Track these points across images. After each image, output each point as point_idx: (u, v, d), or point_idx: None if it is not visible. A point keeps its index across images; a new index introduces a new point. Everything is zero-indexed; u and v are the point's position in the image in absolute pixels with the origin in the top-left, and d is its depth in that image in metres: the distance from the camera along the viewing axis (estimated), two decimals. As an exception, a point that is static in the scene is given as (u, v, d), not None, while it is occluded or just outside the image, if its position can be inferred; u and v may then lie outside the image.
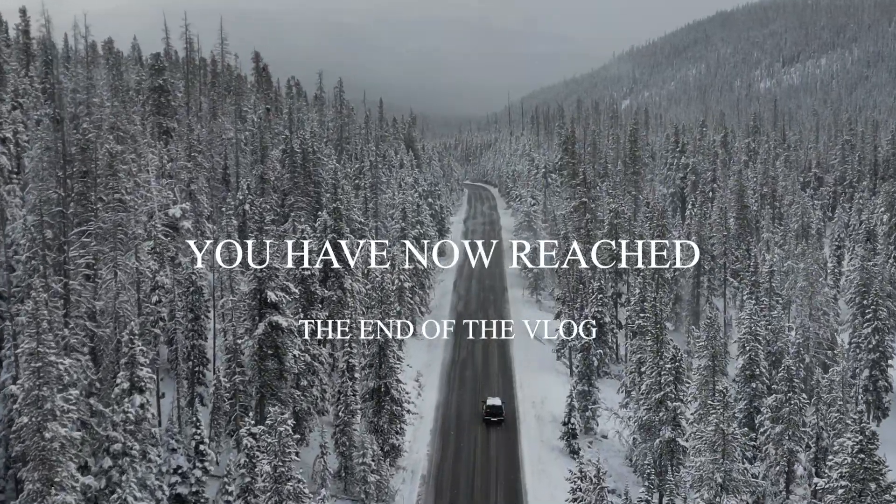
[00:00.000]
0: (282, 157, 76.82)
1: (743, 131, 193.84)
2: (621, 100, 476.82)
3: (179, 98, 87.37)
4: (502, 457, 51.40)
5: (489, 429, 54.90)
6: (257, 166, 73.53)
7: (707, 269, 77.65)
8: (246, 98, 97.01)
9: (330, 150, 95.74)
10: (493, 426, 54.79)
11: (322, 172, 77.48)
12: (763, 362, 52.00)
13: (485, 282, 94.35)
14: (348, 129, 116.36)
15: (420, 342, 72.35)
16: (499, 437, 54.21)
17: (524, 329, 76.10)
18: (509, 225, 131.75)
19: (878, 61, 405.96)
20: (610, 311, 69.71)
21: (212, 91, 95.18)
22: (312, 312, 47.83)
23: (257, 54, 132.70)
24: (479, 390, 61.47)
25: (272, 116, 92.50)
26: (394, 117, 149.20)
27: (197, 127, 79.18)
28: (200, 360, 43.47)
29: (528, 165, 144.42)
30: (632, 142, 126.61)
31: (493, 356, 68.98)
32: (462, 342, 72.34)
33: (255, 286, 41.49)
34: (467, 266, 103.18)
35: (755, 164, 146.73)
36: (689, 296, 78.40)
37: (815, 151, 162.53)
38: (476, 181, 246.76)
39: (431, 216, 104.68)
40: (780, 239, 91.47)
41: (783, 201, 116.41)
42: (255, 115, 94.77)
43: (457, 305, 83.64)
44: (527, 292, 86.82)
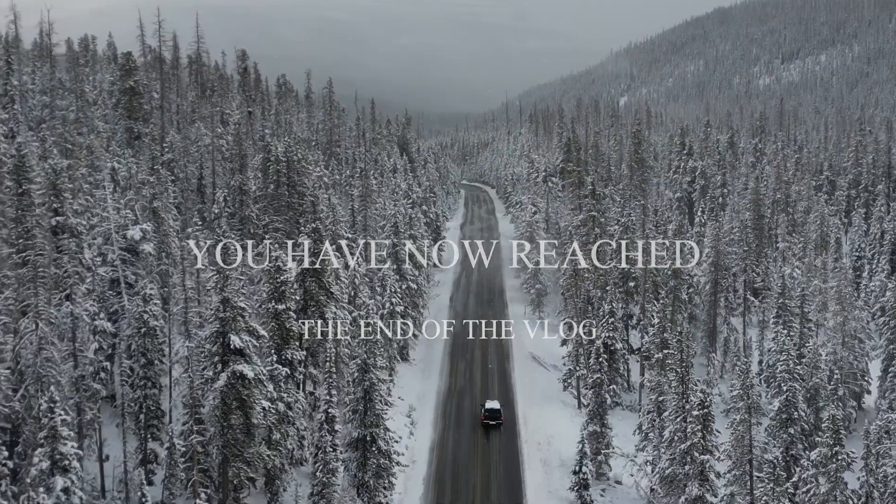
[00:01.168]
0: (263, 165, 70.52)
1: (747, 130, 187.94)
2: (619, 97, 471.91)
3: (156, 100, 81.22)
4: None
5: (491, 476, 48.86)
6: (236, 176, 67.26)
7: (725, 286, 71.51)
8: (228, 100, 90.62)
9: (317, 156, 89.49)
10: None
11: (307, 182, 71.20)
12: (802, 405, 45.96)
13: (483, 296, 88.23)
14: (338, 132, 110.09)
15: (413, 368, 66.25)
16: (501, 485, 48.13)
17: (526, 352, 70.02)
18: (508, 231, 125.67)
19: (879, 58, 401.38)
20: (621, 335, 63.68)
21: (190, 92, 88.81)
22: (288, 352, 41.63)
23: (243, 52, 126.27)
24: (478, 426, 55.40)
25: (254, 119, 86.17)
26: (388, 119, 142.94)
27: (171, 132, 72.95)
28: (154, 413, 37.32)
29: (528, 168, 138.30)
30: (635, 143, 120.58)
31: (494, 385, 62.86)
32: (459, 368, 66.22)
33: (217, 328, 35.29)
34: (464, 277, 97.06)
35: (762, 166, 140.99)
36: (706, 315, 72.33)
37: (824, 153, 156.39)
38: (473, 181, 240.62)
39: (426, 224, 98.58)
40: (800, 251, 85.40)
41: (797, 207, 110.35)
42: (238, 118, 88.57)
43: (453, 325, 77.42)
44: (529, 309, 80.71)
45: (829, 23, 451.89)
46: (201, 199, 67.99)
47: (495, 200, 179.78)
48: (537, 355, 69.18)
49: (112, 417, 39.12)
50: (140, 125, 73.41)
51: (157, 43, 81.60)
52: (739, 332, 73.25)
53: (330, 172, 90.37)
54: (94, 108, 79.57)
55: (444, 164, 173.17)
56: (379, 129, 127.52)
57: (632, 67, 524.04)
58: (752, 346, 70.65)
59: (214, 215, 65.45)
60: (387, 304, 60.51)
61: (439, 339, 73.19)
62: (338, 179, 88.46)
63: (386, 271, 62.50)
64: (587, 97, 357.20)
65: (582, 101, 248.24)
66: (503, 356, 68.73)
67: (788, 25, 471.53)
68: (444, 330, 75.36)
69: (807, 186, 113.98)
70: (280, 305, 41.28)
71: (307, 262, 48.16)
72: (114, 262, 45.62)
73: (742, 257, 72.03)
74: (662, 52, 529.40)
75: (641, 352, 62.08)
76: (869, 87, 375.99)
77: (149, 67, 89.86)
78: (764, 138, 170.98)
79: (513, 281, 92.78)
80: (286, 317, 41.58)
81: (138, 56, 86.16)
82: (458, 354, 69.28)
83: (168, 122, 78.25)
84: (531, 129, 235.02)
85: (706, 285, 72.58)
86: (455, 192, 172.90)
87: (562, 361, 67.21)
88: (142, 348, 37.05)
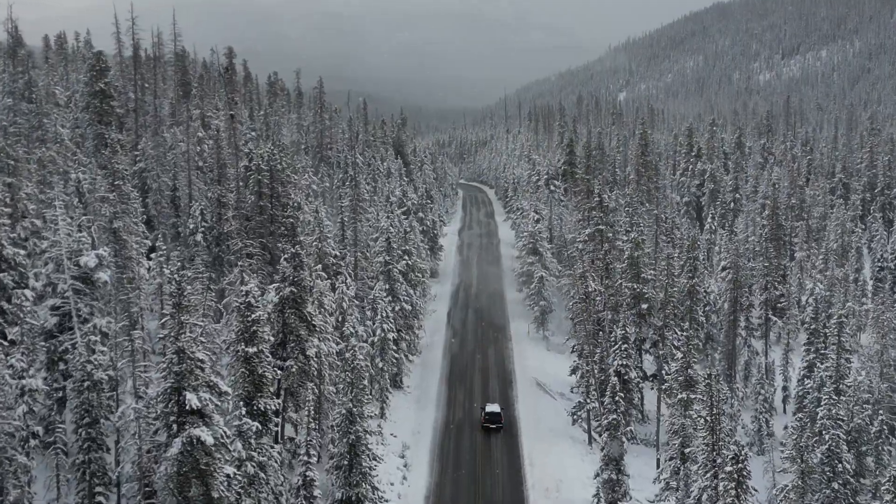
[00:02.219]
0: (244, 175, 64.82)
1: (753, 129, 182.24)
2: (617, 92, 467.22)
3: (134, 102, 75.47)
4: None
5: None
6: (213, 186, 61.57)
7: (745, 304, 66.00)
8: (213, 101, 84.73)
9: (306, 162, 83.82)
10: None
11: (292, 193, 65.55)
12: (847, 454, 40.49)
13: (483, 311, 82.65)
14: (330, 134, 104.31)
15: (407, 397, 60.72)
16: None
17: (530, 377, 64.53)
18: (508, 237, 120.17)
19: (881, 53, 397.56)
20: (635, 362, 58.18)
21: (170, 94, 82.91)
22: (261, 402, 36.04)
23: (230, 50, 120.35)
24: (479, 468, 50.01)
25: (237, 123, 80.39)
26: (382, 119, 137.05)
27: (144, 138, 67.25)
28: (101, 480, 31.78)
29: (529, 170, 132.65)
30: (642, 146, 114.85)
31: (496, 418, 57.29)
32: (458, 397, 60.67)
33: (172, 384, 29.72)
34: (463, 290, 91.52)
35: (770, 167, 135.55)
36: (724, 336, 66.88)
37: (834, 153, 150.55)
38: (471, 181, 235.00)
39: (423, 233, 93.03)
40: (821, 263, 79.97)
41: (811, 213, 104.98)
42: (220, 122, 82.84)
43: (451, 345, 71.89)
44: (532, 327, 75.20)
45: (830, 18, 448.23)
46: (175, 213, 62.29)
47: (494, 202, 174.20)
48: (542, 381, 63.67)
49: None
50: (112, 131, 67.59)
51: (137, 40, 75.68)
52: (759, 351, 67.82)
53: (319, 179, 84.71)
54: (66, 111, 73.96)
55: (442, 164, 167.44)
56: (373, 131, 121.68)
57: (630, 63, 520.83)
58: (774, 370, 65.37)
59: (190, 231, 59.84)
60: (378, 331, 54.97)
61: (436, 362, 67.72)
62: (328, 187, 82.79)
63: (377, 292, 56.87)
64: (587, 93, 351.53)
65: (583, 99, 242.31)
66: (505, 382, 63.24)
67: (788, 20, 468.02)
68: (441, 351, 69.89)
69: (822, 191, 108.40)
70: (251, 348, 35.67)
71: (286, 292, 42.51)
72: (65, 294, 40.04)
73: (763, 274, 66.43)
74: (661, 47, 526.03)
75: (661, 387, 56.54)
76: (871, 83, 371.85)
77: (126, 67, 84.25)
78: (771, 138, 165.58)
79: (514, 293, 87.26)
80: (258, 361, 35.98)
81: (113, 55, 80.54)
82: (457, 380, 63.77)
83: (143, 126, 72.49)
84: (530, 128, 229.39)
85: (724, 303, 67.16)
86: (453, 195, 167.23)
87: (569, 388, 61.92)
88: (86, 405, 31.54)
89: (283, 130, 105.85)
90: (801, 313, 78.43)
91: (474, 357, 68.89)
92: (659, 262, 61.05)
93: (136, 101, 72.86)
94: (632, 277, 59.53)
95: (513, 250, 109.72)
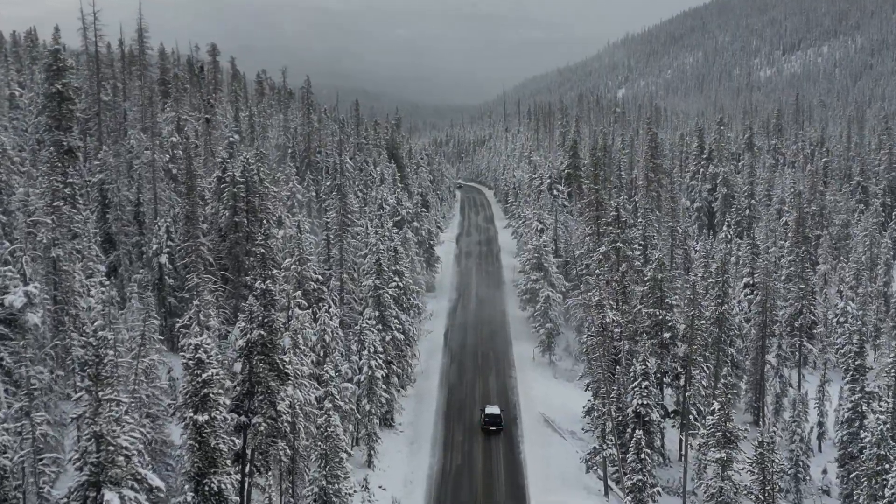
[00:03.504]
0: (217, 188, 58.16)
1: (761, 127, 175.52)
2: (616, 89, 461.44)
3: (97, 104, 68.73)
4: None
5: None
6: (183, 200, 54.87)
7: (776, 331, 59.34)
8: (186, 103, 77.88)
9: (290, 169, 77.10)
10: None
11: (270, 207, 58.89)
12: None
13: (483, 331, 75.98)
14: (318, 137, 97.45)
15: (399, 438, 54.04)
16: None
17: (537, 412, 57.90)
18: (509, 244, 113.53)
19: (883, 49, 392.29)
20: (656, 399, 51.56)
21: (141, 96, 76.09)
22: (213, 479, 29.33)
23: (213, 47, 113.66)
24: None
25: (214, 127, 73.62)
26: (375, 120, 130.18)
27: (105, 146, 60.43)
28: None
29: (530, 173, 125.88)
30: (651, 148, 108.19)
31: (499, 463, 50.70)
32: (456, 438, 54.00)
33: (87, 478, 23.06)
34: (461, 306, 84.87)
35: (783, 170, 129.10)
36: (751, 363, 60.34)
37: (848, 153, 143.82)
38: (469, 181, 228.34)
39: (418, 244, 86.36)
40: (851, 278, 73.37)
41: (833, 221, 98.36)
42: (198, 125, 76.14)
43: (448, 373, 65.25)
44: (537, 351, 68.54)
45: (831, 13, 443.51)
46: (140, 230, 55.53)
47: (493, 204, 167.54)
48: (550, 417, 57.02)
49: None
50: (71, 137, 60.80)
51: (99, 35, 68.89)
52: (785, 374, 61.10)
53: (305, 187, 77.96)
54: (26, 114, 67.23)
55: (439, 165, 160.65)
56: (365, 133, 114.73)
57: (629, 59, 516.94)
58: (807, 401, 58.79)
59: (153, 251, 53.17)
60: (365, 368, 48.31)
61: (432, 393, 61.07)
62: (313, 197, 76.04)
63: (365, 322, 50.17)
64: (586, 90, 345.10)
65: (584, 97, 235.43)
66: (509, 419, 56.54)
67: (789, 16, 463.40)
68: (437, 380, 63.25)
69: (844, 197, 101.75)
70: (201, 416, 28.99)
71: (254, 335, 35.81)
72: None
73: (798, 296, 59.71)
74: (661, 43, 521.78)
75: (685, 424, 50.03)
76: (874, 79, 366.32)
77: (99, 66, 77.62)
78: (782, 138, 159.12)
79: (516, 310, 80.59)
80: (211, 430, 29.29)
81: (79, 52, 73.96)
82: (455, 416, 57.11)
83: (107, 132, 65.70)
84: (530, 127, 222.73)
85: (751, 328, 60.57)
86: (450, 198, 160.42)
87: (581, 424, 55.27)
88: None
89: (268, 133, 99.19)
90: (829, 333, 72.17)
91: (474, 386, 62.25)
92: (683, 286, 54.33)
93: (99, 104, 65.98)
94: (653, 302, 52.88)
95: (514, 260, 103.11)
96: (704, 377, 49.54)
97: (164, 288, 52.95)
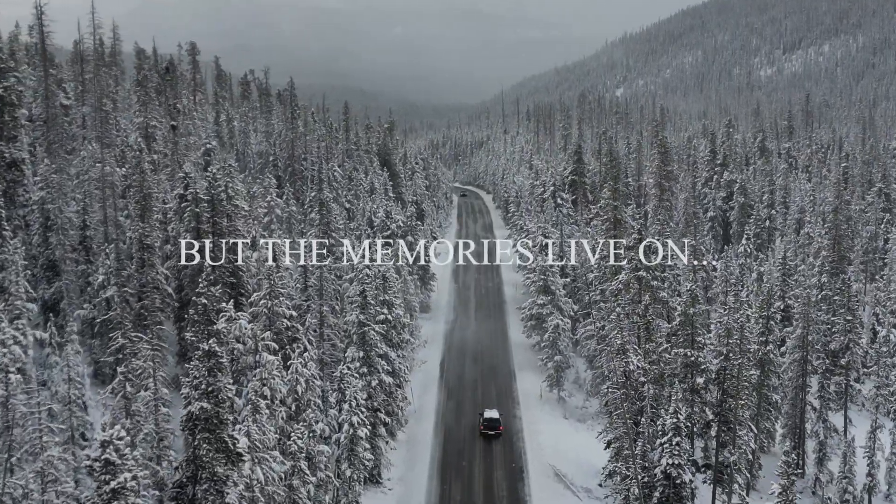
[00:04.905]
0: (179, 207, 50.65)
1: (769, 129, 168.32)
2: (615, 88, 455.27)
3: (44, 110, 61.12)
4: None
5: None
6: (135, 224, 47.29)
7: (819, 368, 51.93)
8: (153, 108, 70.23)
9: (269, 181, 69.58)
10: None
11: (240, 228, 51.37)
12: None
13: (483, 360, 68.53)
14: (303, 143, 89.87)
15: (387, 497, 46.59)
16: None
17: (546, 464, 50.48)
18: (509, 257, 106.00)
19: (885, 48, 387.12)
20: (687, 456, 44.11)
21: (106, 100, 68.40)
22: None
23: (192, 46, 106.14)
24: None
25: (180, 135, 65.99)
26: (367, 124, 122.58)
27: (47, 160, 52.79)
28: None
29: (531, 179, 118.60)
30: (662, 154, 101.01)
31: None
32: (454, 496, 46.59)
33: None
34: (459, 328, 77.40)
35: (797, 176, 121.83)
36: (789, 405, 52.98)
37: (862, 156, 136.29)
38: (466, 184, 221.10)
39: (411, 261, 78.95)
40: (893, 302, 65.99)
41: (861, 233, 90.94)
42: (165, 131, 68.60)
43: (445, 412, 57.77)
44: (544, 385, 61.05)
45: (832, 12, 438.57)
46: (87, 257, 47.95)
47: (492, 210, 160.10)
48: (562, 471, 49.60)
49: None
50: (15, 148, 53.15)
51: (46, 32, 61.27)
52: (837, 428, 53.60)
53: (286, 200, 70.41)
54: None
55: (435, 169, 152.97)
56: (356, 138, 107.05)
57: (627, 58, 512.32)
58: (854, 449, 51.46)
59: (99, 284, 45.62)
60: (345, 425, 40.83)
61: (426, 440, 53.61)
62: (294, 211, 68.46)
63: (346, 367, 42.69)
64: (585, 89, 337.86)
65: (585, 97, 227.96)
66: (514, 473, 49.16)
67: (790, 15, 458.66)
68: (432, 422, 55.80)
69: (874, 208, 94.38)
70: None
71: (196, 408, 28.37)
72: None
73: (846, 329, 52.27)
74: (659, 42, 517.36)
75: (718, 481, 42.71)
76: (877, 78, 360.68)
77: (58, 67, 70.24)
78: (794, 140, 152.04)
79: (519, 335, 73.12)
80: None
81: (31, 52, 66.51)
82: (453, 469, 49.65)
83: (60, 141, 58.09)
84: (529, 128, 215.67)
85: (789, 364, 53.18)
86: (447, 204, 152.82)
87: (597, 480, 48.03)
88: None
89: (249, 139, 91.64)
90: (866, 360, 64.94)
91: (474, 430, 54.76)
92: (716, 320, 46.93)
93: (47, 110, 58.34)
94: (684, 342, 45.47)
95: (515, 275, 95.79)
96: (744, 428, 42.23)
97: (114, 327, 45.40)
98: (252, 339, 40.01)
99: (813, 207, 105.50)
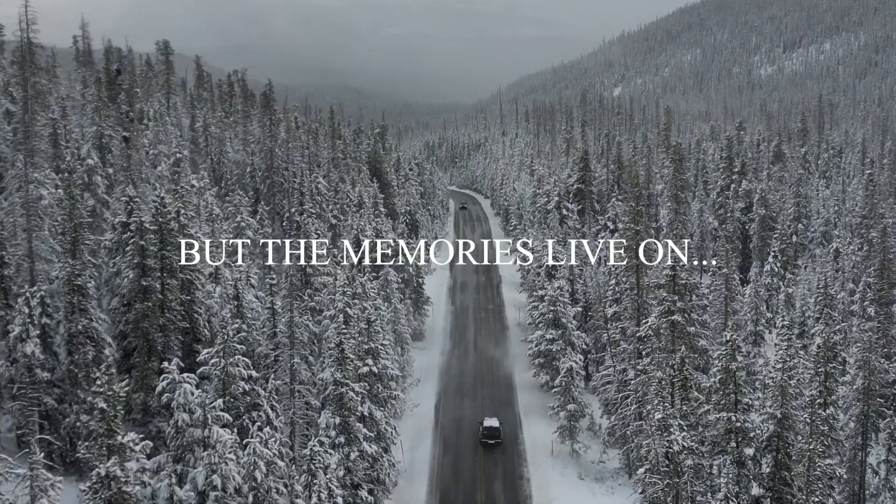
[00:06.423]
0: (120, 239, 42.43)
1: (774, 132, 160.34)
2: (612, 87, 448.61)
3: None
4: None
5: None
6: (64, 260, 39.00)
7: (881, 417, 43.93)
8: (110, 115, 61.80)
9: (241, 199, 61.30)
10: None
11: (196, 256, 43.11)
12: None
13: (484, 403, 60.23)
14: (286, 151, 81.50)
15: (372, 592, 38.39)
16: None
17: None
18: (511, 273, 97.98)
19: (888, 46, 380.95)
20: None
21: (51, 108, 59.99)
22: None
23: (165, 44, 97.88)
24: None
25: (132, 148, 57.53)
26: (357, 128, 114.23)
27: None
28: None
29: (533, 187, 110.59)
30: (676, 161, 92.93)
31: None
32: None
33: None
34: (456, 360, 69.37)
35: (816, 183, 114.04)
36: (849, 462, 44.98)
37: (878, 159, 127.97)
38: (463, 188, 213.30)
39: (403, 282, 70.94)
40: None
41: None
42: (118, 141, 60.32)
43: (441, 471, 49.50)
44: (555, 437, 52.78)
45: (833, 9, 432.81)
46: (6, 301, 39.69)
47: (491, 217, 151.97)
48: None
49: None
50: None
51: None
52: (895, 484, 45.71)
53: (259, 220, 62.16)
54: None
55: (431, 175, 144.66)
56: (343, 146, 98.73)
57: (625, 57, 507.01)
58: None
59: (17, 335, 37.34)
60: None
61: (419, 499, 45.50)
62: (269, 234, 60.24)
63: (317, 444, 34.47)
64: (585, 89, 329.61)
65: (587, 97, 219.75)
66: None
67: (790, 12, 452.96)
68: (426, 488, 47.54)
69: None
70: None
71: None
72: None
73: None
74: (657, 41, 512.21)
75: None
76: (880, 77, 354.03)
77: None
78: (809, 144, 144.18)
79: (525, 373, 64.85)
80: None
81: None
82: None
83: None
84: (528, 130, 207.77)
85: (849, 420, 45.16)
86: (443, 212, 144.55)
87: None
88: None
89: (226, 148, 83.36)
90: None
91: (474, 497, 46.56)
92: (762, 375, 38.79)
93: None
94: (725, 403, 37.35)
95: (517, 294, 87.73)
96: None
97: (40, 388, 37.16)
98: (200, 408, 32.05)
99: (838, 218, 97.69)
